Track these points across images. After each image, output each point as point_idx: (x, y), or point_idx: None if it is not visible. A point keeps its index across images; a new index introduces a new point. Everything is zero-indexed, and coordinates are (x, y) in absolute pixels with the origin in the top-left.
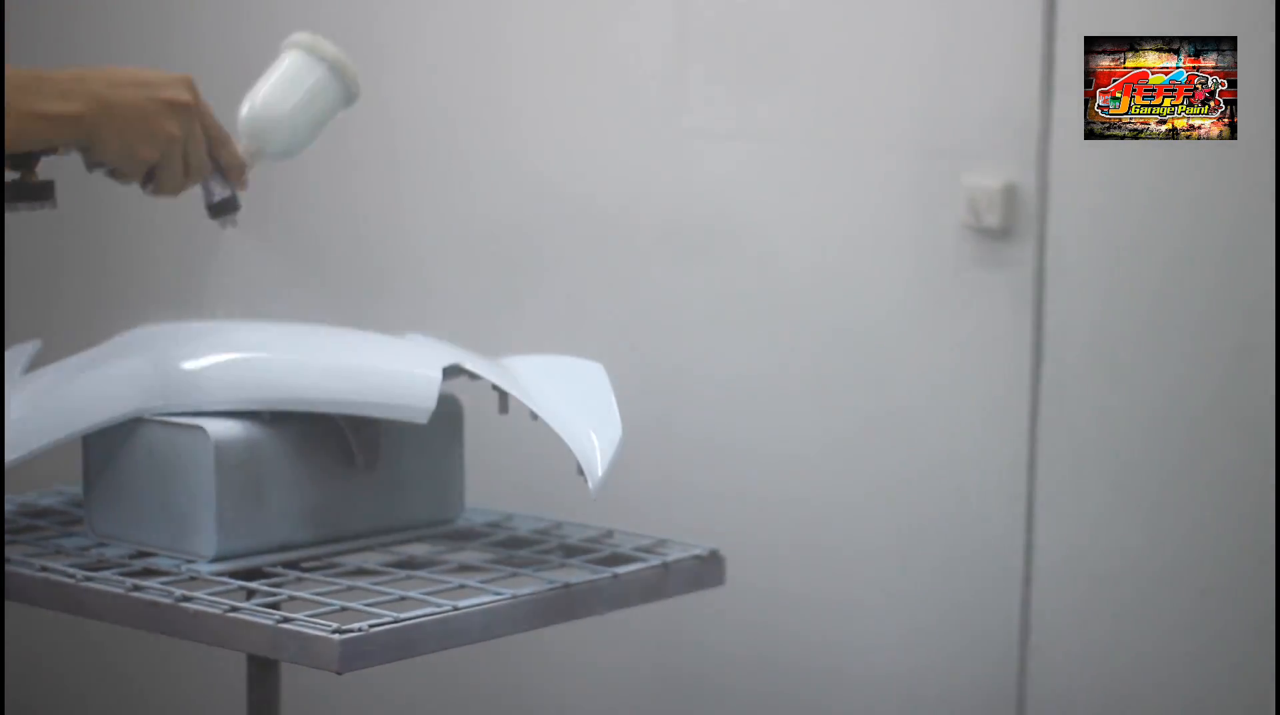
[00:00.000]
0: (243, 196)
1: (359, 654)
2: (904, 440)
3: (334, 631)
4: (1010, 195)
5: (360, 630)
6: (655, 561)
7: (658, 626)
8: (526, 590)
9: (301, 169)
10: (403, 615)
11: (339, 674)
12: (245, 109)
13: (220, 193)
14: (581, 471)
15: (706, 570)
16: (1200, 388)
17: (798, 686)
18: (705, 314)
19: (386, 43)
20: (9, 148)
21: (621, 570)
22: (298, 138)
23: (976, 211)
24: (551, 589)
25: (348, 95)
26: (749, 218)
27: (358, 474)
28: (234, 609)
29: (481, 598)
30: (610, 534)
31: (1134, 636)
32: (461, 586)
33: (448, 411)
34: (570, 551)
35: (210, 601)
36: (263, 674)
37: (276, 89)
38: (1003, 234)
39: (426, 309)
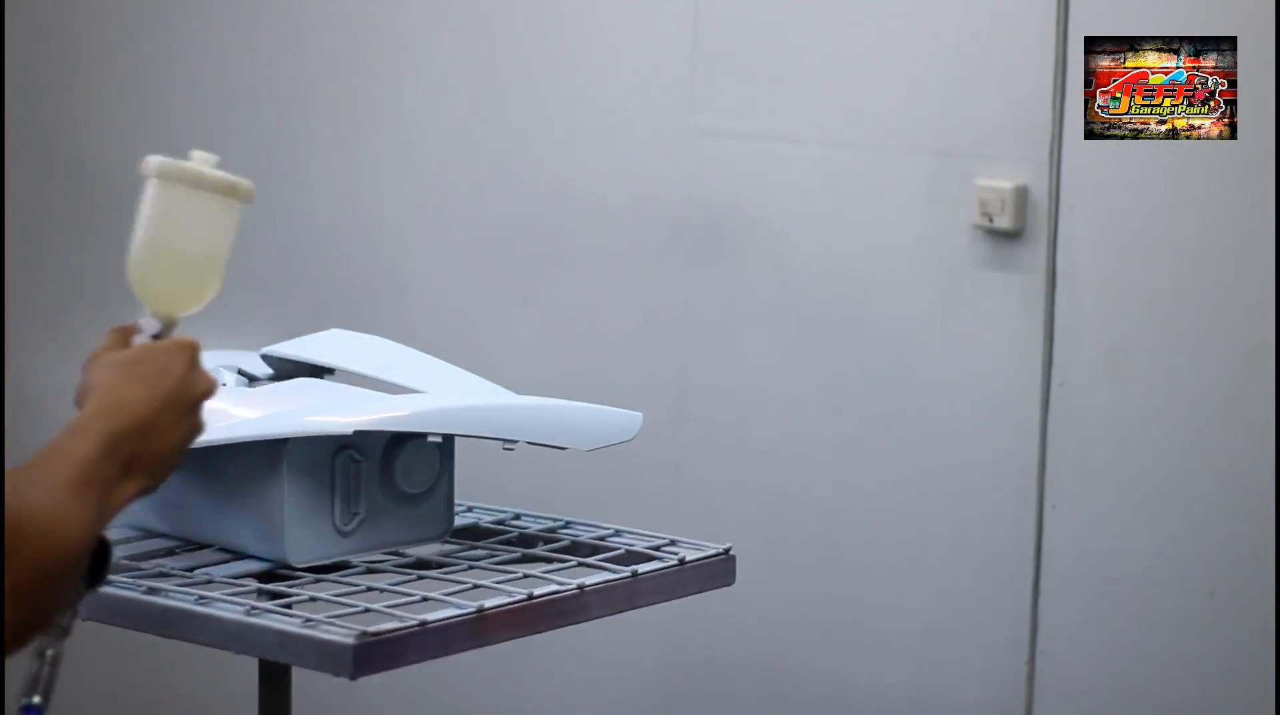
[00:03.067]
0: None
1: (377, 657)
2: (914, 440)
3: (354, 637)
4: (1022, 197)
5: (381, 634)
6: (671, 560)
7: (665, 629)
8: (544, 590)
9: (312, 170)
10: (429, 618)
11: (353, 679)
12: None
13: None
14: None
15: (719, 569)
16: (1210, 389)
17: (805, 688)
18: (716, 314)
19: (397, 44)
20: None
21: (642, 568)
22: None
23: (989, 213)
24: (567, 589)
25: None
26: (760, 218)
27: (394, 488)
28: (253, 610)
29: (500, 599)
30: (618, 533)
31: (1143, 639)
32: (475, 586)
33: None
34: (584, 550)
35: (228, 605)
36: (274, 679)
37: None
38: (1014, 235)
39: (438, 309)
